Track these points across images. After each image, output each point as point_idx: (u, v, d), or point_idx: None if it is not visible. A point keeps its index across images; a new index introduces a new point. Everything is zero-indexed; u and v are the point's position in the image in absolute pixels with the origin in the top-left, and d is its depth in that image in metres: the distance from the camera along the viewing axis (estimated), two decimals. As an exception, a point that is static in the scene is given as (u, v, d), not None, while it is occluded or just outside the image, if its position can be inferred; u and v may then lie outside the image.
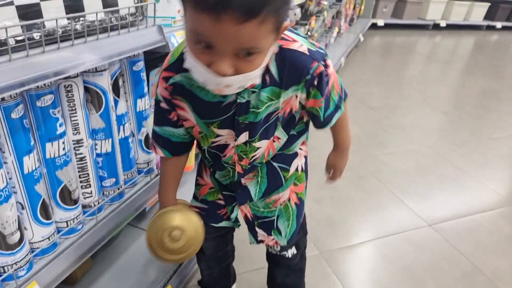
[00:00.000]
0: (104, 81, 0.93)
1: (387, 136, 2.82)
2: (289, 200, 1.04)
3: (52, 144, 0.85)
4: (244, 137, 0.84)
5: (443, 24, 6.62)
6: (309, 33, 3.10)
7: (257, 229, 1.06)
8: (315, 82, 0.80)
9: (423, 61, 5.06)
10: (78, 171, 0.97)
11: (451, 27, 6.71)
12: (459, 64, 5.12)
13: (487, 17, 7.01)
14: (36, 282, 0.87)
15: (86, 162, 0.97)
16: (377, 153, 2.57)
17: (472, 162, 2.59)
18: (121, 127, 1.07)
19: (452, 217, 2.02)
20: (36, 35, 0.71)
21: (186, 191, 1.71)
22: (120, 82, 1.03)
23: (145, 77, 1.10)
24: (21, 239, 0.83)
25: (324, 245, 1.75)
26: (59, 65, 0.72)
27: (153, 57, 1.21)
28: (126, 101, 1.08)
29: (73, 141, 0.92)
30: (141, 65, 1.06)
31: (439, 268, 1.68)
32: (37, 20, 0.70)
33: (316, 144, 2.58)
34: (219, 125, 0.82)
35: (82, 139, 0.93)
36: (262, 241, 1.08)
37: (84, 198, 1.02)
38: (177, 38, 1.09)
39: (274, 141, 0.91)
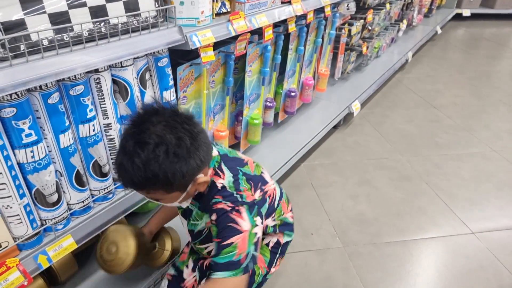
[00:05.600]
0: (129, 75, 1.10)
1: (445, 137, 2.63)
2: None
3: (83, 125, 1.05)
4: (189, 237, 1.10)
5: (550, 12, 5.74)
6: (368, 27, 3.01)
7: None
8: (213, 217, 0.94)
9: (514, 56, 4.50)
10: (109, 150, 1.17)
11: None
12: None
13: None
14: (71, 235, 1.09)
15: (115, 143, 1.16)
16: (430, 154, 2.43)
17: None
18: (148, 115, 1.24)
19: (503, 227, 1.84)
20: (65, 37, 0.89)
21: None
22: (147, 76, 1.19)
23: (170, 72, 1.25)
24: (58, 200, 1.05)
25: (350, 239, 1.75)
26: (81, 62, 0.90)
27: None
28: (154, 92, 1.25)
29: (103, 124, 1.11)
30: (165, 61, 1.21)
31: (473, 276, 1.57)
32: (66, 24, 0.88)
33: (362, 141, 2.55)
34: (180, 215, 1.11)
35: (110, 123, 1.12)
36: None
37: (115, 172, 1.22)
38: (198, 37, 1.22)
39: None
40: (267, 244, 1.20)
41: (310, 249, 1.71)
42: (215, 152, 1.00)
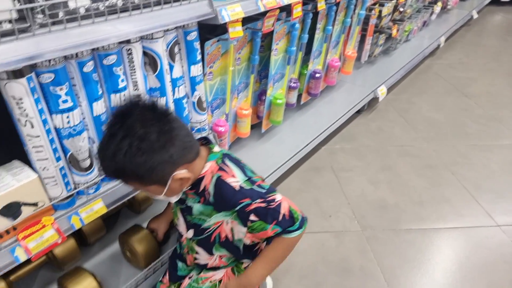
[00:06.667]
0: (159, 47, 1.12)
1: (475, 127, 2.55)
2: (220, 281, 1.13)
3: (115, 95, 1.08)
4: (191, 233, 1.10)
5: None
6: (400, 9, 2.91)
7: None
8: (252, 217, 0.95)
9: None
10: (138, 121, 1.20)
11: None
12: None
13: None
14: (101, 200, 1.14)
15: (143, 114, 1.19)
16: (458, 144, 2.37)
17: None
18: (176, 89, 1.27)
19: (531, 222, 1.80)
20: (101, 6, 0.91)
21: (242, 154, 1.89)
22: (176, 50, 1.21)
23: (198, 47, 1.26)
24: (91, 165, 1.09)
25: (368, 224, 1.75)
26: (115, 32, 0.92)
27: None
28: (182, 66, 1.27)
29: (133, 95, 1.14)
30: (194, 35, 1.22)
31: (495, 269, 1.55)
32: (102, -5, 0.90)
33: (386, 128, 2.50)
34: (179, 211, 1.11)
35: (140, 95, 1.15)
36: None
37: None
38: (228, 12, 1.22)
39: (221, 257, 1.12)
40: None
41: (328, 231, 1.72)
42: (217, 149, 1.02)
